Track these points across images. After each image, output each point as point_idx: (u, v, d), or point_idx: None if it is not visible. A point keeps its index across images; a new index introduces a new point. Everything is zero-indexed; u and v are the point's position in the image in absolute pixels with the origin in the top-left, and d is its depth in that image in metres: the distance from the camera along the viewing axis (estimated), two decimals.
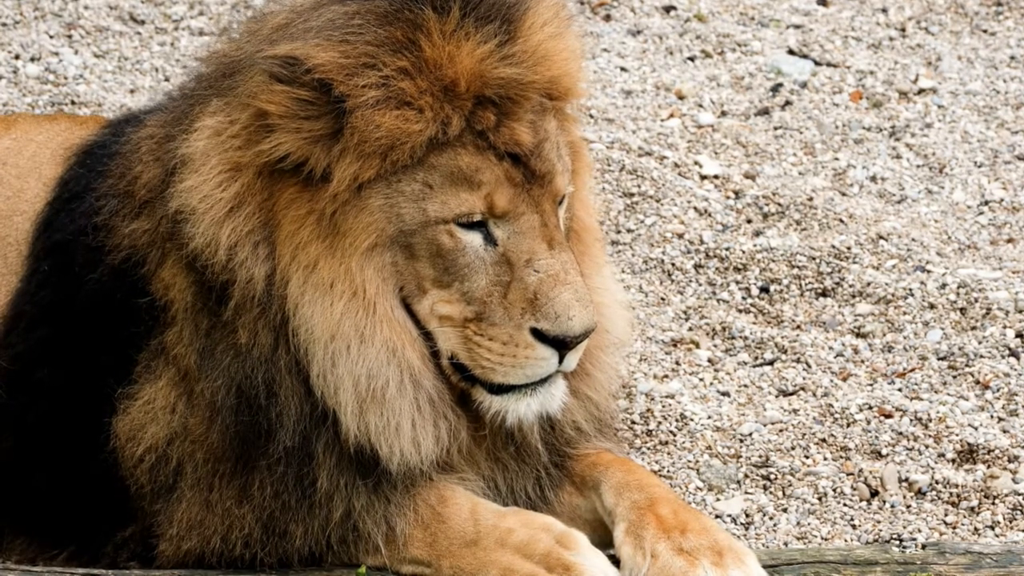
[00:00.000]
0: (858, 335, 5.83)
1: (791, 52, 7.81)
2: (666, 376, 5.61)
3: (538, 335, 4.04)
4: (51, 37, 7.64)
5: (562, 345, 4.06)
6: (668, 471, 5.12)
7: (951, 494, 4.98)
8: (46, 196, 4.62)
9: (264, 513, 4.13)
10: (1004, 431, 5.22)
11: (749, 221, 6.45)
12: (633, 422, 5.31)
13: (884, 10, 8.21)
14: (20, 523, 4.44)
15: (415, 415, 4.10)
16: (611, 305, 4.42)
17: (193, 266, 4.13)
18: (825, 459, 5.16)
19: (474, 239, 4.06)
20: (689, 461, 5.16)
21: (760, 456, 5.15)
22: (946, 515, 4.92)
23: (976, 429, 5.20)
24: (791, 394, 5.50)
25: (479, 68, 4.01)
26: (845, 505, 4.98)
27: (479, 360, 4.08)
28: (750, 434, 5.25)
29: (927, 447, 5.15)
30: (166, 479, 4.22)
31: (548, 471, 4.38)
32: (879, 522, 4.90)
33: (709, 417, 5.33)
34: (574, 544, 4.10)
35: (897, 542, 4.42)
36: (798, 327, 5.87)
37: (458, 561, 4.14)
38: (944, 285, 5.95)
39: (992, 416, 5.30)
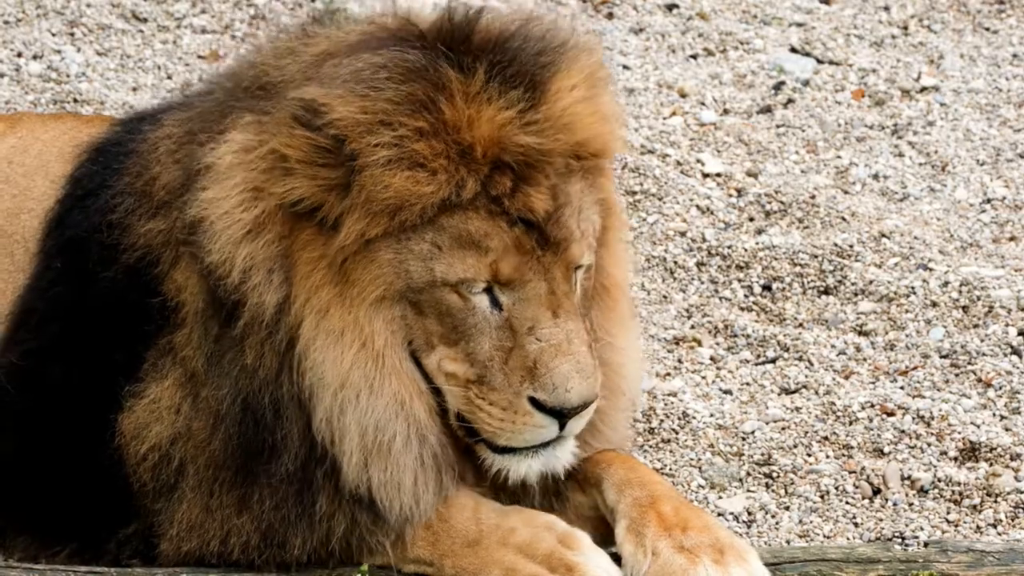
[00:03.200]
0: (860, 333, 5.83)
1: (793, 50, 7.80)
2: (668, 374, 5.61)
3: (536, 404, 4.00)
4: (53, 35, 7.64)
5: (559, 415, 4.02)
6: (670, 469, 5.12)
7: (953, 492, 4.98)
8: (55, 193, 4.60)
9: (263, 524, 4.12)
10: (1006, 429, 5.22)
11: (751, 219, 6.45)
12: (635, 420, 5.31)
13: (886, 8, 8.20)
14: (22, 521, 4.44)
15: (418, 470, 4.07)
16: (628, 365, 4.36)
17: (206, 273, 4.12)
18: (827, 457, 5.16)
19: (481, 301, 4.01)
20: (691, 459, 5.16)
21: (762, 454, 5.15)
22: (948, 513, 4.92)
23: (978, 427, 5.20)
24: (793, 392, 5.50)
25: (498, 134, 3.94)
26: (847, 503, 4.98)
27: (481, 423, 4.06)
28: (752, 432, 5.25)
29: (929, 445, 5.15)
30: (168, 478, 4.21)
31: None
32: (881, 520, 4.90)
33: (711, 415, 5.33)
34: (576, 543, 4.09)
35: (899, 540, 4.42)
36: (800, 325, 5.87)
37: (460, 561, 4.13)
38: (946, 283, 5.95)
39: (994, 414, 5.30)
